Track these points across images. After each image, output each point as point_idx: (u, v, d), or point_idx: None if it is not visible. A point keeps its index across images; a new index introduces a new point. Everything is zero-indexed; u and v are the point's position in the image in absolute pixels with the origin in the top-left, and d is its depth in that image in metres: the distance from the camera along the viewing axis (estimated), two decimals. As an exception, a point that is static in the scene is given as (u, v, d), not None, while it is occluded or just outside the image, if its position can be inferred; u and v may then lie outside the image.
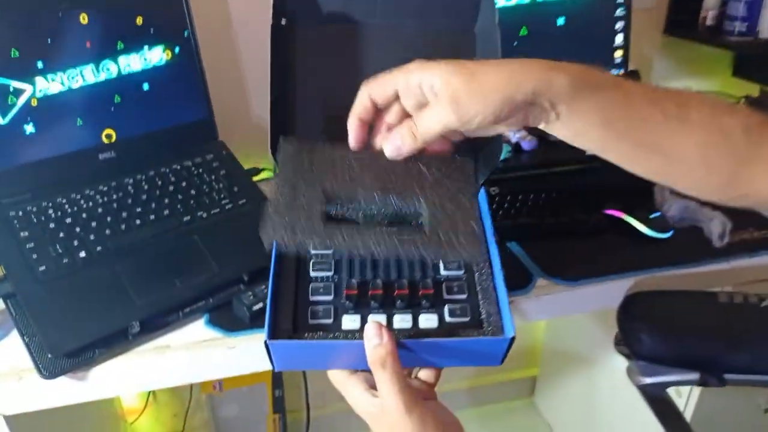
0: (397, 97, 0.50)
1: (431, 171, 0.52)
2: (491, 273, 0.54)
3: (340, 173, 0.52)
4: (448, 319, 0.51)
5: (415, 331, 0.50)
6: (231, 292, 0.73)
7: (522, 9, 0.96)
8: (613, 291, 0.80)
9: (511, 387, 1.65)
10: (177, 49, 0.84)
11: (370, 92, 0.50)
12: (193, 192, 0.81)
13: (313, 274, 0.53)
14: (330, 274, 0.53)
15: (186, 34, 0.85)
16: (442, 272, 0.54)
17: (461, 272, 0.54)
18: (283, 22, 0.59)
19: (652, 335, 0.72)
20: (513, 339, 0.48)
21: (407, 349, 0.48)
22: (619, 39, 0.97)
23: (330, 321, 0.51)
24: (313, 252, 0.54)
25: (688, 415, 1.01)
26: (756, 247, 0.86)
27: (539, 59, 0.46)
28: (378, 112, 0.52)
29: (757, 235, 0.89)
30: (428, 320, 0.51)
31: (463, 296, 0.53)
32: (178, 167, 0.83)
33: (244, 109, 1.04)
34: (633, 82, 0.47)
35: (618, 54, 0.99)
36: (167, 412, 1.32)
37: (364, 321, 0.50)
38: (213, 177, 0.84)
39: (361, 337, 0.47)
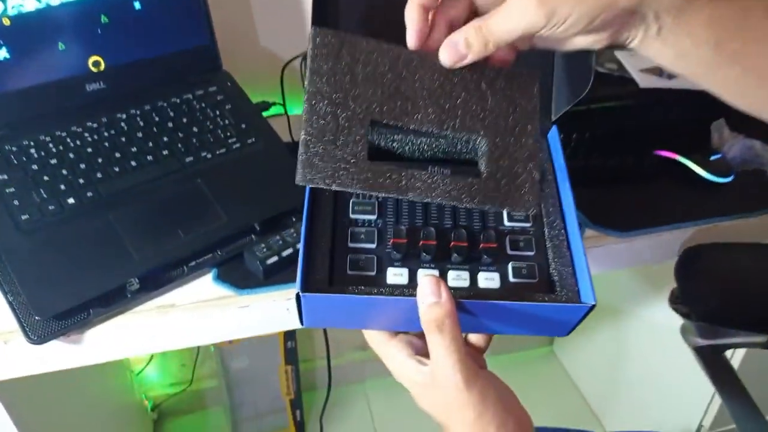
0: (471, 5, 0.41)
1: (494, 89, 0.42)
2: (564, 227, 0.45)
3: (388, 85, 0.41)
4: (512, 279, 0.43)
5: (474, 292, 0.42)
6: (241, 244, 0.65)
7: None
8: (669, 243, 0.72)
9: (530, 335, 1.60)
10: (172, -38, 0.72)
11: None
12: (195, 129, 0.71)
13: (353, 216, 0.45)
14: (374, 217, 0.45)
15: (182, -56, 0.72)
16: (506, 223, 0.46)
17: (529, 224, 0.46)
18: None
19: (716, 294, 0.64)
20: (593, 307, 0.40)
21: (466, 311, 0.41)
22: None
23: (372, 273, 0.43)
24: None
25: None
26: (828, 193, 0.77)
27: None
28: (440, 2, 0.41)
29: (828, 178, 0.80)
30: (488, 279, 0.43)
31: (531, 253, 0.45)
32: (177, 100, 0.73)
33: (250, 34, 0.92)
34: None
35: None
36: (175, 362, 1.27)
37: (413, 275, 0.43)
38: (217, 112, 0.73)
39: (412, 294, 0.39)
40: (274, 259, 0.62)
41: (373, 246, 0.44)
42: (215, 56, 0.79)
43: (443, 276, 0.43)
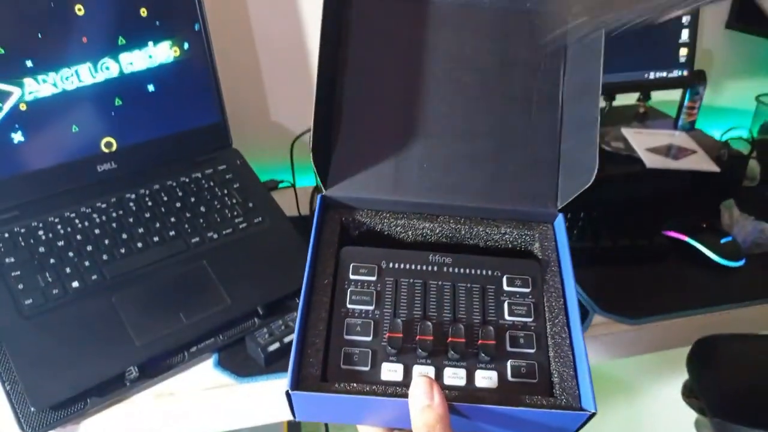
0: None
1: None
2: (567, 324, 0.44)
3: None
4: (510, 378, 0.42)
5: (470, 392, 0.41)
6: (244, 328, 0.64)
7: None
8: (680, 329, 0.70)
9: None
10: (186, 45, 0.74)
11: None
12: (202, 209, 0.71)
13: (350, 306, 0.44)
14: (371, 308, 0.44)
15: (197, 27, 0.75)
16: (507, 317, 0.44)
17: (530, 319, 0.44)
18: None
19: (732, 390, 0.62)
20: (593, 415, 0.39)
21: (461, 414, 0.39)
22: (684, 35, 0.86)
23: (366, 368, 0.41)
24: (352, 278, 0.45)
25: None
26: (843, 278, 0.75)
27: None
28: None
29: (843, 263, 0.78)
30: (486, 378, 0.41)
31: (531, 350, 0.43)
32: (186, 180, 0.74)
33: (261, 113, 0.94)
34: None
35: (683, 52, 0.87)
36: None
37: (407, 371, 0.41)
38: (225, 191, 0.74)
39: (404, 394, 0.38)
40: (276, 345, 0.61)
41: (369, 339, 0.43)
42: (225, 134, 0.80)
43: (439, 373, 0.42)
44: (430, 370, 0.41)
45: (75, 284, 0.61)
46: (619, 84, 0.88)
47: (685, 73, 0.88)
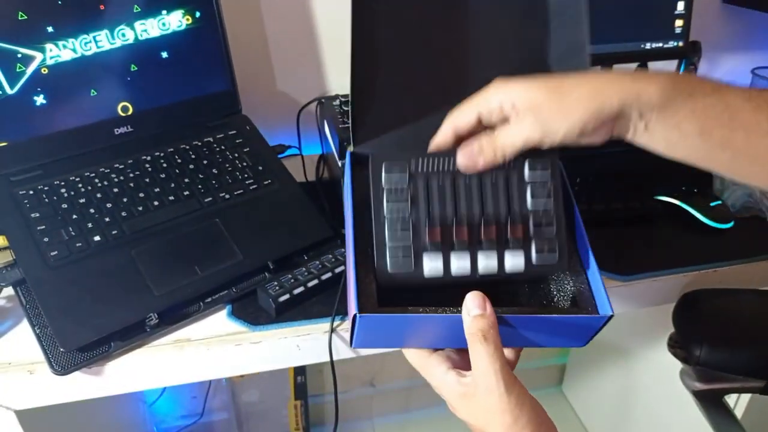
0: (480, 124, 0.47)
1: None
2: (576, 249, 0.52)
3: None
4: (534, 262, 0.49)
5: (501, 275, 0.48)
6: (255, 281, 0.68)
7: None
8: (669, 287, 0.74)
9: (538, 375, 1.60)
10: (198, 14, 0.77)
11: (454, 123, 0.48)
12: (214, 171, 0.75)
13: (388, 215, 0.48)
14: (407, 213, 0.48)
15: (208, -4, 0.78)
16: (530, 203, 0.50)
17: (550, 201, 0.49)
18: None
19: (714, 340, 0.66)
20: (611, 317, 0.46)
21: (506, 324, 0.46)
22: (680, 6, 0.88)
23: (411, 270, 0.47)
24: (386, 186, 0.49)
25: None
26: (827, 239, 0.79)
27: (625, 71, 0.45)
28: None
29: (828, 226, 0.82)
30: (514, 264, 0.48)
31: (551, 228, 0.49)
32: (199, 143, 0.77)
33: (269, 80, 0.97)
34: (732, 86, 0.43)
35: (678, 23, 0.90)
36: (186, 394, 1.29)
37: (447, 263, 0.48)
38: (236, 155, 0.78)
39: (454, 310, 0.45)
40: (286, 297, 0.65)
41: (409, 243, 0.48)
42: (235, 101, 0.83)
43: (474, 265, 0.48)
44: (466, 259, 0.48)
45: (96, 238, 0.65)
46: (616, 54, 0.90)
47: (681, 43, 0.90)
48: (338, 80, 1.00)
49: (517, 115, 0.45)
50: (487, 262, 0.48)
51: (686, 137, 0.42)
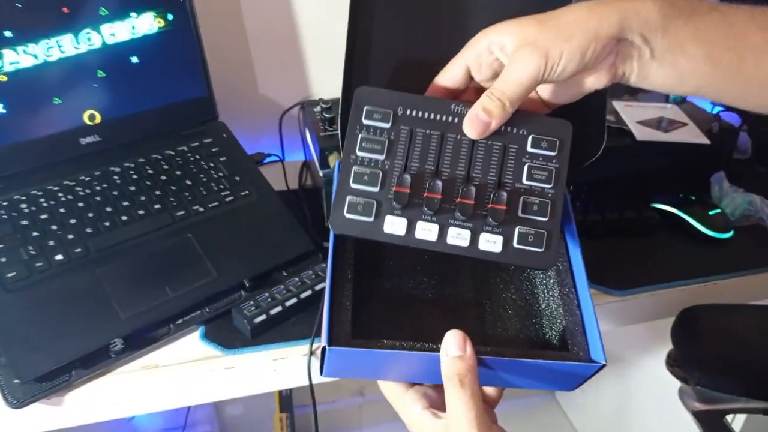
0: (470, 78, 0.44)
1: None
2: (573, 284, 0.46)
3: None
4: (515, 245, 0.41)
5: (472, 253, 0.41)
6: (230, 301, 0.64)
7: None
8: (668, 300, 0.70)
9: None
10: (170, 16, 0.73)
11: (442, 78, 0.45)
12: (188, 182, 0.71)
13: (360, 153, 0.43)
14: (381, 158, 0.43)
15: (180, -2, 0.73)
16: (525, 181, 0.43)
17: (549, 185, 0.43)
18: None
19: (715, 361, 0.62)
20: (603, 366, 0.42)
21: (484, 365, 0.41)
22: None
23: (370, 219, 0.41)
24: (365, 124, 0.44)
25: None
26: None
27: None
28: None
29: (831, 234, 0.79)
30: (490, 242, 0.41)
31: (543, 219, 0.42)
32: (172, 153, 0.73)
33: (250, 84, 0.93)
34: (730, 5, 0.40)
35: None
36: (169, 405, 1.25)
37: (410, 228, 0.41)
38: (212, 164, 0.73)
39: (434, 349, 0.41)
40: (262, 317, 0.61)
41: (375, 190, 0.42)
42: (212, 107, 0.79)
43: (443, 231, 0.41)
44: (434, 228, 0.41)
45: (59, 257, 0.61)
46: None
47: None
48: (322, 83, 0.96)
49: (511, 54, 0.40)
50: (458, 233, 0.41)
51: (695, 63, 0.39)
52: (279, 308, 0.62)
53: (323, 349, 0.41)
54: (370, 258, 0.50)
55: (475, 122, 0.42)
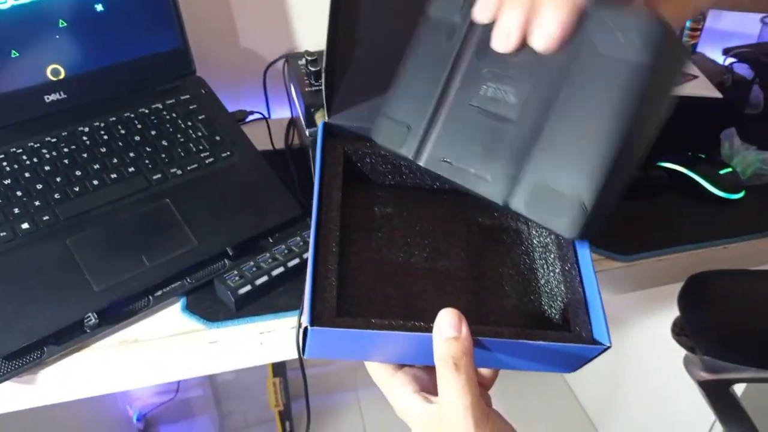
0: None
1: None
2: (576, 261, 0.43)
3: None
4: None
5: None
6: (212, 270, 0.60)
7: None
8: (675, 266, 0.67)
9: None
10: (137, -41, 0.66)
11: None
12: (164, 143, 0.65)
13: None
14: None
15: (148, -62, 0.66)
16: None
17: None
18: None
19: (724, 330, 0.59)
20: (607, 348, 0.39)
21: (482, 347, 0.38)
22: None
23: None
24: None
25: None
26: None
27: None
28: None
29: (844, 193, 0.75)
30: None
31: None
32: (146, 111, 0.68)
33: (229, 38, 0.86)
34: None
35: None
36: (160, 369, 1.23)
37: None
38: (189, 123, 0.68)
39: (424, 328, 0.38)
40: (247, 288, 0.57)
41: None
42: (188, 61, 0.73)
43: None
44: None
45: (25, 226, 0.56)
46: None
47: None
48: (309, 34, 0.89)
49: None
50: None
51: None
52: (265, 278, 0.58)
53: (305, 330, 0.37)
54: (357, 227, 0.46)
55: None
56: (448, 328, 0.36)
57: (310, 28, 0.89)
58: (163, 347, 0.55)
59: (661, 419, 1.14)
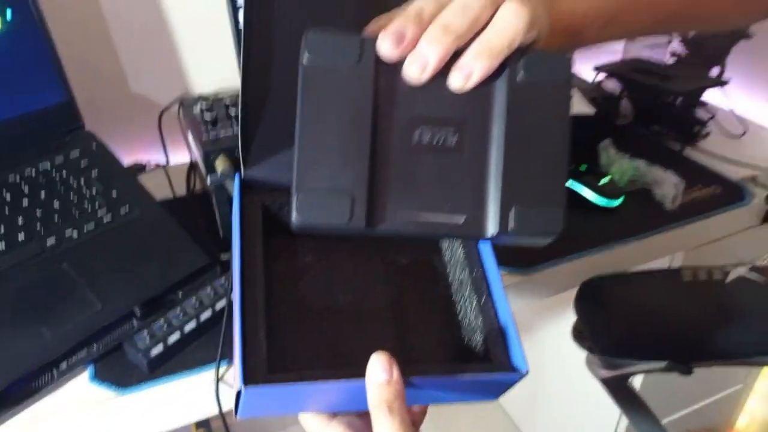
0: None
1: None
2: (489, 290, 0.44)
3: None
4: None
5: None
6: (120, 333, 0.58)
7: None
8: (569, 273, 0.72)
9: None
10: (9, 13, 0.63)
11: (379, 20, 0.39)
12: (56, 205, 0.63)
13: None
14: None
15: (19, -7, 0.64)
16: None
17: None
18: None
19: (616, 329, 0.65)
20: (527, 373, 0.40)
21: (411, 385, 0.39)
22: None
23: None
24: None
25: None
26: (707, 207, 0.81)
27: None
28: None
29: (705, 192, 0.84)
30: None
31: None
32: (32, 172, 0.64)
33: (118, 85, 0.84)
34: None
35: None
36: None
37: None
38: (82, 180, 0.66)
39: (359, 376, 0.37)
40: (159, 348, 0.56)
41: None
42: (75, 115, 0.70)
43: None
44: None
45: None
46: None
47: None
48: (201, 74, 0.89)
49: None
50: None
51: None
52: (177, 335, 0.57)
53: (238, 392, 0.37)
54: (279, 278, 0.46)
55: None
56: (379, 372, 0.37)
57: (203, 68, 0.88)
58: (73, 422, 0.52)
59: (576, 416, 1.21)
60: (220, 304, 0.60)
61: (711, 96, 1.02)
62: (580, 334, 0.67)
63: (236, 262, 0.41)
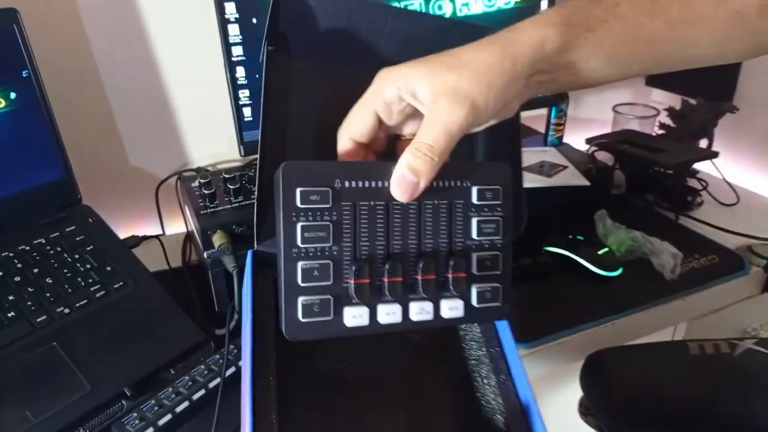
0: (380, 125, 0.41)
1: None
2: (509, 372, 0.44)
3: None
4: (476, 304, 0.41)
5: (438, 322, 0.40)
6: (109, 415, 0.55)
7: None
8: (573, 347, 0.71)
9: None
10: (13, 95, 0.65)
11: (350, 128, 0.41)
12: (48, 280, 0.62)
13: (302, 245, 0.37)
14: (328, 244, 0.38)
15: (25, 74, 0.65)
16: (475, 237, 0.41)
17: (498, 237, 0.41)
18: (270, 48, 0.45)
19: (622, 405, 0.63)
20: None
21: None
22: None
23: (329, 318, 0.38)
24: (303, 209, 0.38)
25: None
26: (707, 277, 0.80)
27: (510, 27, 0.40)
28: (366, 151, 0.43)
29: (704, 261, 0.84)
30: (452, 309, 0.40)
31: (497, 272, 0.41)
32: (26, 248, 0.64)
33: (117, 160, 0.85)
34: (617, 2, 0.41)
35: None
36: None
37: (373, 314, 0.38)
38: (77, 256, 0.65)
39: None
40: (149, 432, 0.53)
41: (329, 283, 0.38)
42: (72, 190, 0.71)
43: (406, 310, 0.39)
44: (397, 309, 0.39)
45: None
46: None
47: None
48: (199, 148, 0.90)
49: (430, 103, 0.38)
50: (421, 307, 0.39)
51: (596, 67, 0.41)
52: (168, 417, 0.55)
53: None
54: (293, 351, 0.44)
55: (403, 184, 0.38)
56: None
57: (201, 142, 0.89)
58: None
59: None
60: (214, 383, 0.58)
61: (702, 165, 1.04)
62: (587, 411, 0.65)
63: (247, 338, 0.40)
